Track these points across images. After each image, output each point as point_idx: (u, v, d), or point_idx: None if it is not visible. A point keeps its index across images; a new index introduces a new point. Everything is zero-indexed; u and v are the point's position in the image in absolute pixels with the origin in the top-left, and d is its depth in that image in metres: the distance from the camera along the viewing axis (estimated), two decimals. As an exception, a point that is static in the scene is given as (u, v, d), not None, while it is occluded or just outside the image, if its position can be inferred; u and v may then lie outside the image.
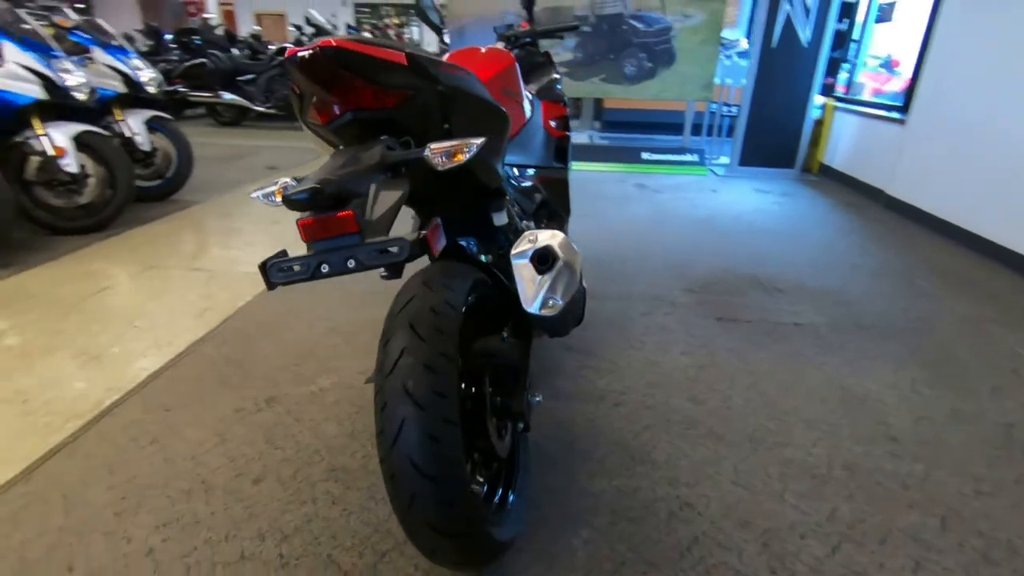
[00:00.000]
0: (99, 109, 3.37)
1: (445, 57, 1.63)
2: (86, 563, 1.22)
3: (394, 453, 0.91)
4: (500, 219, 1.39)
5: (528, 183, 1.65)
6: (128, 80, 3.62)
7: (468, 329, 1.19)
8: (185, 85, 7.40)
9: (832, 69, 5.39)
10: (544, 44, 2.23)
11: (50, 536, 1.29)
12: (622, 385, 1.91)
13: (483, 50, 1.68)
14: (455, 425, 0.94)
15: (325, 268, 0.77)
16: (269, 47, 8.19)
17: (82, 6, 16.15)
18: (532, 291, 1.00)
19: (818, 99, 5.19)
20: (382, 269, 1.30)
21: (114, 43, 3.68)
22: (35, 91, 2.92)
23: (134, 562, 1.22)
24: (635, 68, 5.19)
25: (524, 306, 1.01)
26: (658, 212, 4.08)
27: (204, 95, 7.37)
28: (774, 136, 5.21)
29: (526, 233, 1.06)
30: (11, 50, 2.87)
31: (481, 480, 1.27)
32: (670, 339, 2.23)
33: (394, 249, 0.76)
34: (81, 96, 3.09)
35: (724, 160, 5.69)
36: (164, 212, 3.79)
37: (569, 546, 1.28)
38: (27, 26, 3.05)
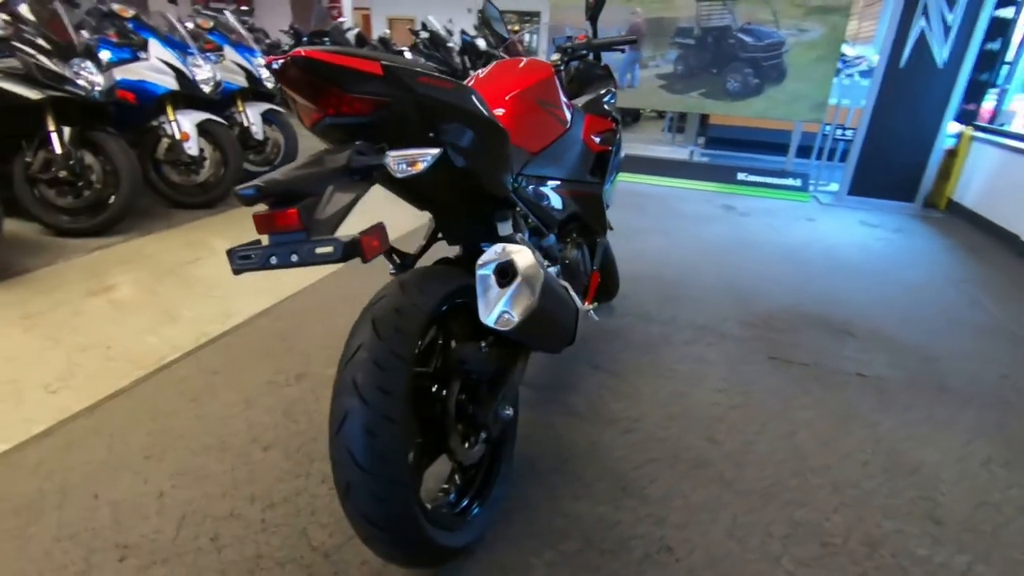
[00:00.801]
0: (223, 100, 3.81)
1: (489, 68, 1.67)
2: (108, 494, 1.40)
3: (336, 441, 0.95)
4: (505, 229, 1.40)
5: (555, 196, 1.64)
6: (250, 76, 4.06)
7: (462, 333, 1.22)
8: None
9: (974, 94, 4.75)
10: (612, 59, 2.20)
11: (91, 466, 1.49)
12: (638, 412, 1.84)
13: (524, 62, 1.69)
14: (394, 423, 0.97)
15: (273, 260, 0.83)
16: (403, 50, 8.81)
17: (246, 8, 18.28)
18: (490, 303, 1.00)
19: (952, 127, 4.61)
20: (390, 266, 1.37)
21: (243, 43, 4.14)
22: (170, 83, 3.36)
23: (145, 501, 1.38)
24: (739, 84, 4.93)
25: (480, 317, 1.01)
26: (738, 236, 3.84)
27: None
28: (894, 165, 4.70)
29: (495, 246, 1.06)
30: (155, 46, 3.33)
31: (447, 487, 1.30)
32: (707, 372, 2.10)
33: (328, 248, 0.81)
34: (206, 89, 3.51)
35: (832, 187, 5.22)
36: (267, 195, 4.20)
37: (527, 564, 1.26)
38: (175, 26, 3.53)
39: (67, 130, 2.92)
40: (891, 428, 1.84)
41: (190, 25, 3.96)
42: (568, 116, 1.74)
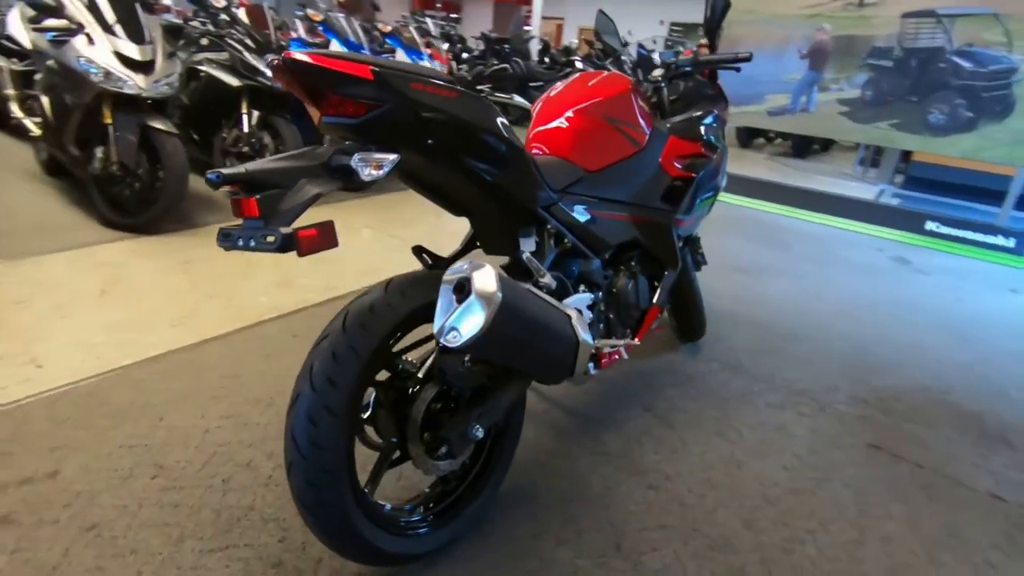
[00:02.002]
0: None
1: (571, 79, 1.62)
2: (171, 420, 1.64)
3: (287, 421, 1.01)
4: (527, 245, 1.35)
5: (610, 219, 1.53)
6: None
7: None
8: (492, 86, 8.61)
9: None
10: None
11: (171, 393, 1.77)
12: (674, 469, 1.65)
13: (602, 75, 1.61)
14: (335, 416, 1.00)
15: (240, 243, 0.90)
16: (574, 58, 8.97)
17: (455, 17, 20.01)
18: (440, 317, 0.98)
19: None
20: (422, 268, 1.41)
21: (413, 47, 4.54)
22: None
23: (193, 433, 1.60)
24: (945, 116, 4.11)
25: (433, 328, 0.99)
26: (900, 296, 3.22)
27: (501, 96, 8.46)
28: None
29: (463, 261, 1.03)
30: (334, 46, 3.81)
31: (419, 495, 1.29)
32: (781, 444, 1.81)
33: (271, 238, 0.86)
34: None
35: (1063, 255, 4.12)
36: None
37: (475, 595, 1.21)
38: (355, 28, 4.00)
39: (255, 114, 3.48)
40: (1007, 572, 1.40)
41: (374, 26, 4.46)
42: (645, 136, 1.62)
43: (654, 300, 1.72)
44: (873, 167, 7.04)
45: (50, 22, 2.67)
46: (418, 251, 1.34)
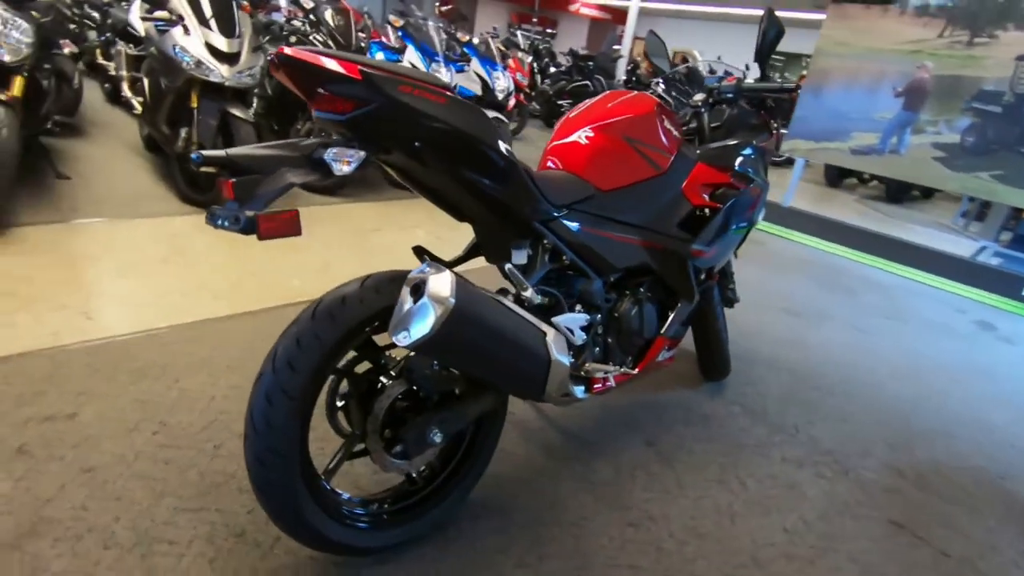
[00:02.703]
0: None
1: (598, 97, 1.60)
2: (185, 383, 1.76)
3: (250, 396, 1.06)
4: (518, 257, 1.34)
5: (618, 241, 1.48)
6: (485, 86, 4.53)
7: None
8: (571, 101, 8.63)
9: None
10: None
11: (193, 359, 1.89)
12: (661, 510, 1.56)
13: (628, 95, 1.57)
14: (291, 399, 1.03)
15: (216, 222, 0.95)
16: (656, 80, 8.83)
17: (552, 32, 20.28)
18: (395, 317, 0.99)
19: None
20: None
21: (489, 57, 4.64)
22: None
23: (200, 398, 1.70)
24: (1059, 172, 3.67)
25: (389, 326, 1.00)
26: (974, 363, 2.90)
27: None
28: None
29: (426, 264, 1.03)
30: (410, 51, 3.97)
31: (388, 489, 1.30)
32: (788, 504, 1.67)
33: (237, 220, 0.91)
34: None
35: None
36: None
37: (416, 599, 1.20)
38: (432, 35, 4.15)
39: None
40: None
41: (447, 34, 4.60)
42: (668, 160, 1.56)
43: (662, 331, 1.65)
44: (978, 221, 6.41)
45: (157, 13, 2.96)
46: (419, 252, 1.36)
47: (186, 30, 2.97)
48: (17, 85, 2.55)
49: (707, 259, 1.66)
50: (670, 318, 1.66)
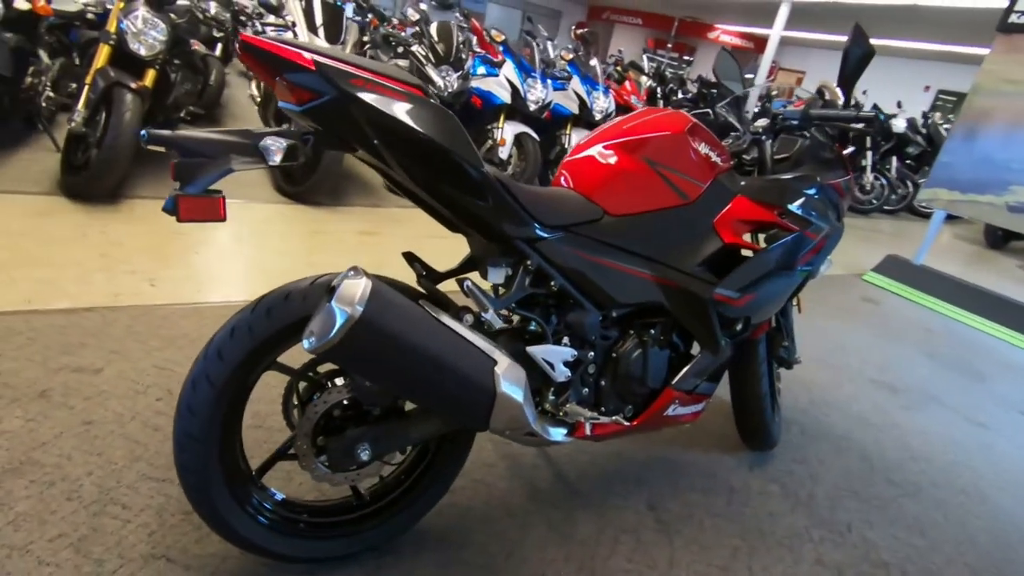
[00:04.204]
0: (555, 121, 4.27)
1: (631, 114, 1.46)
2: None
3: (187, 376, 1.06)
4: (495, 276, 1.23)
5: (624, 274, 1.31)
6: (583, 105, 4.44)
7: None
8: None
9: None
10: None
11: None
12: (640, 567, 1.35)
13: (660, 112, 1.40)
14: (212, 386, 1.02)
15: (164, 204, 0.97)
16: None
17: (688, 59, 19.68)
18: (311, 321, 0.93)
19: None
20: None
21: (591, 76, 4.55)
22: (506, 96, 3.99)
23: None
24: None
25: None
26: None
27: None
28: None
29: (351, 268, 0.96)
30: (507, 67, 4.00)
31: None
32: (803, 616, 1.37)
33: (168, 202, 0.91)
34: (532, 107, 4.03)
35: None
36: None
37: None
38: (533, 54, 4.16)
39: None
40: None
41: (558, 53, 4.57)
42: (698, 189, 1.37)
43: (673, 381, 1.44)
44: None
45: (270, 18, 3.26)
46: (410, 258, 1.29)
47: (295, 36, 3.22)
48: (149, 77, 2.91)
49: (738, 308, 1.43)
50: (685, 369, 1.45)
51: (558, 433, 1.29)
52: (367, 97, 0.96)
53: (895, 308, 3.93)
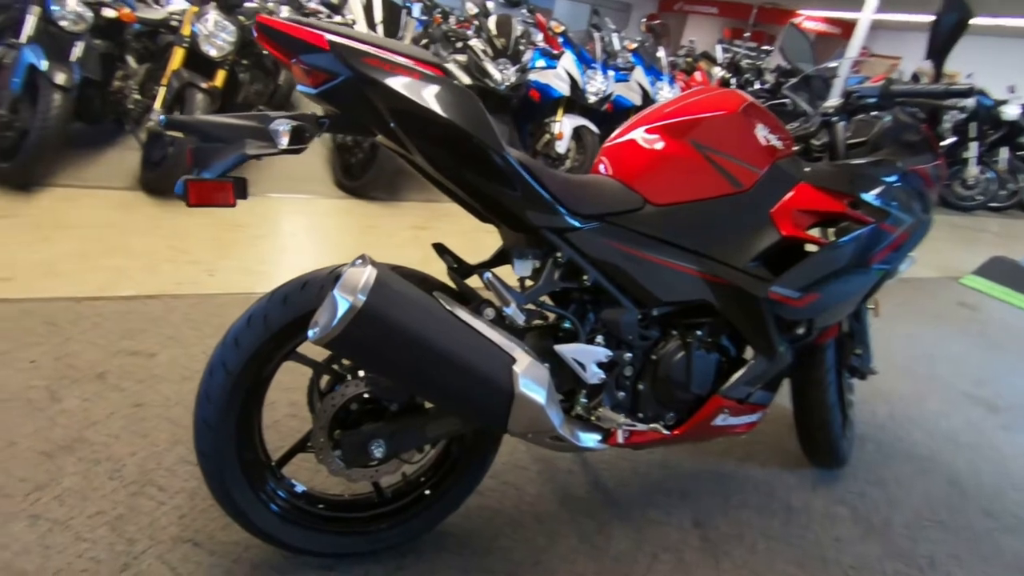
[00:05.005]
0: (602, 111, 4.13)
1: (683, 93, 1.34)
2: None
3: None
4: (521, 268, 1.16)
5: (667, 268, 1.19)
6: (646, 95, 4.26)
7: None
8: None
9: None
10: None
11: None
12: None
13: (712, 92, 1.27)
14: (228, 373, 1.01)
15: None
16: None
17: (768, 48, 18.63)
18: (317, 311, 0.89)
19: None
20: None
21: (656, 67, 4.35)
22: (564, 89, 3.89)
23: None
24: None
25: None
26: None
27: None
28: None
29: (365, 256, 0.91)
30: (566, 58, 3.90)
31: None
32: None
33: (179, 186, 0.90)
34: (591, 99, 3.90)
35: None
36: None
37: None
38: (595, 44, 4.03)
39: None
40: None
41: (623, 43, 4.41)
42: (754, 176, 1.23)
43: (721, 389, 1.30)
44: None
45: (336, 18, 3.33)
46: (440, 250, 1.24)
47: (354, 33, 3.28)
48: (219, 77, 3.05)
49: (799, 309, 1.28)
50: (736, 375, 1.31)
51: (589, 439, 1.20)
52: (383, 78, 0.92)
53: (997, 315, 3.50)
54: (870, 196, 1.28)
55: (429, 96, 0.94)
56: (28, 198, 2.63)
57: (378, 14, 3.34)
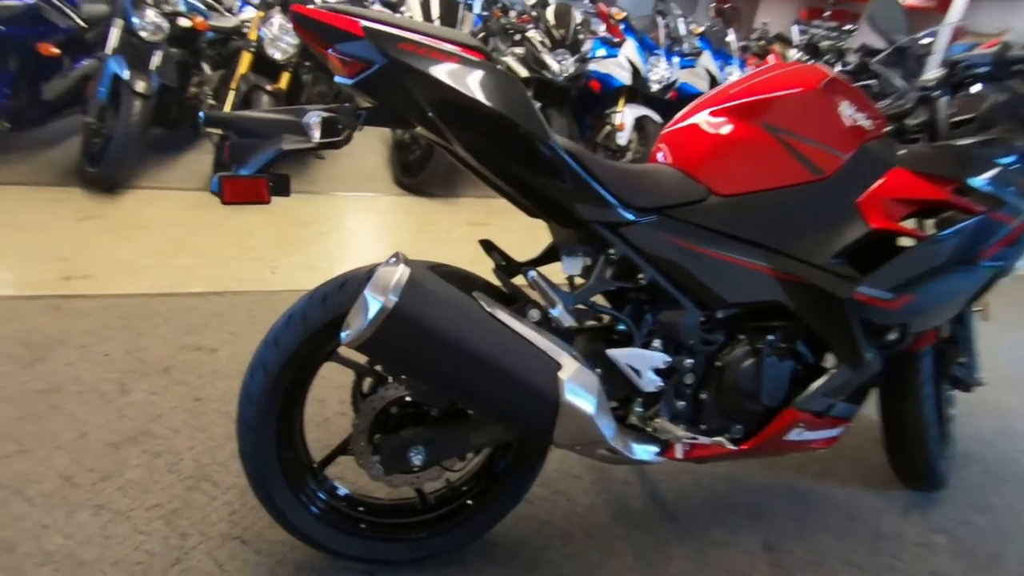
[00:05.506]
0: (666, 100, 3.93)
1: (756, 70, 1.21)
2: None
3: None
4: (570, 266, 1.08)
5: (738, 266, 1.06)
6: (714, 83, 4.03)
7: None
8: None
9: None
10: None
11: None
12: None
13: (788, 67, 1.13)
14: (267, 374, 1.00)
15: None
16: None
17: (850, 27, 17.35)
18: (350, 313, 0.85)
19: None
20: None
21: (725, 51, 4.10)
22: (625, 78, 3.73)
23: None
24: None
25: (348, 320, 0.87)
26: None
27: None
28: None
29: (399, 255, 0.85)
30: (627, 45, 3.74)
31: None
32: None
33: (214, 183, 0.88)
34: (653, 87, 3.73)
35: None
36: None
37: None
38: (659, 29, 3.85)
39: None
40: None
41: (687, 28, 4.18)
42: (838, 160, 1.08)
43: (796, 400, 1.17)
44: None
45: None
46: (487, 247, 1.18)
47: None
48: (283, 79, 3.14)
49: (890, 312, 1.12)
50: (814, 386, 1.17)
51: (645, 451, 1.10)
52: (419, 64, 0.86)
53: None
54: (980, 181, 1.10)
55: (469, 82, 0.88)
56: (112, 200, 2.81)
57: (435, 9, 3.33)
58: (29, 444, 1.37)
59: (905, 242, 1.16)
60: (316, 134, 0.88)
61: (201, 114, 0.91)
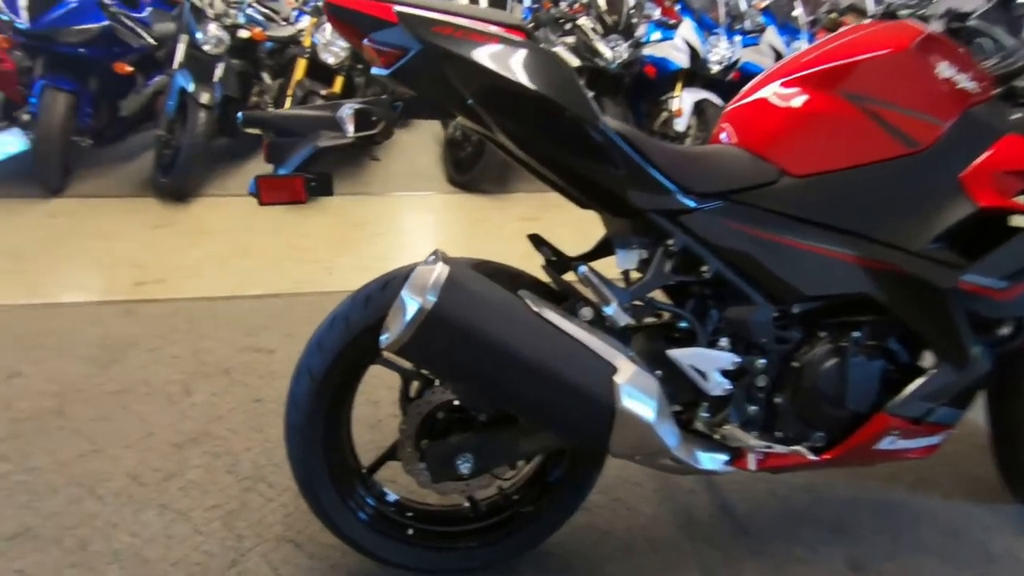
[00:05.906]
0: (727, 81, 3.71)
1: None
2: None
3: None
4: (624, 260, 0.99)
5: (818, 255, 0.94)
6: (778, 57, 3.77)
7: None
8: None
9: None
10: None
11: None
12: None
13: (877, 26, 0.99)
14: (312, 379, 0.98)
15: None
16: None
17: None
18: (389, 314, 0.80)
19: None
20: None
21: (792, 25, 3.83)
22: (682, 60, 3.56)
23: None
24: None
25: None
26: None
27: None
28: None
29: (439, 253, 0.80)
30: (684, 26, 3.55)
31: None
32: None
33: (251, 184, 0.86)
34: (713, 68, 3.53)
35: None
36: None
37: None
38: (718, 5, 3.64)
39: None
40: None
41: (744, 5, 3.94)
42: (937, 130, 0.94)
43: (888, 404, 1.03)
44: None
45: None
46: (537, 241, 1.11)
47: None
48: (337, 83, 3.19)
49: (1002, 303, 0.96)
50: (910, 388, 1.03)
51: (712, 461, 1.01)
52: (455, 47, 0.81)
53: None
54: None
55: (510, 64, 0.81)
56: (182, 208, 2.95)
57: (483, 2, 3.28)
58: (101, 443, 1.43)
59: (1019, 221, 1.00)
60: (350, 128, 0.85)
61: (239, 115, 0.90)
